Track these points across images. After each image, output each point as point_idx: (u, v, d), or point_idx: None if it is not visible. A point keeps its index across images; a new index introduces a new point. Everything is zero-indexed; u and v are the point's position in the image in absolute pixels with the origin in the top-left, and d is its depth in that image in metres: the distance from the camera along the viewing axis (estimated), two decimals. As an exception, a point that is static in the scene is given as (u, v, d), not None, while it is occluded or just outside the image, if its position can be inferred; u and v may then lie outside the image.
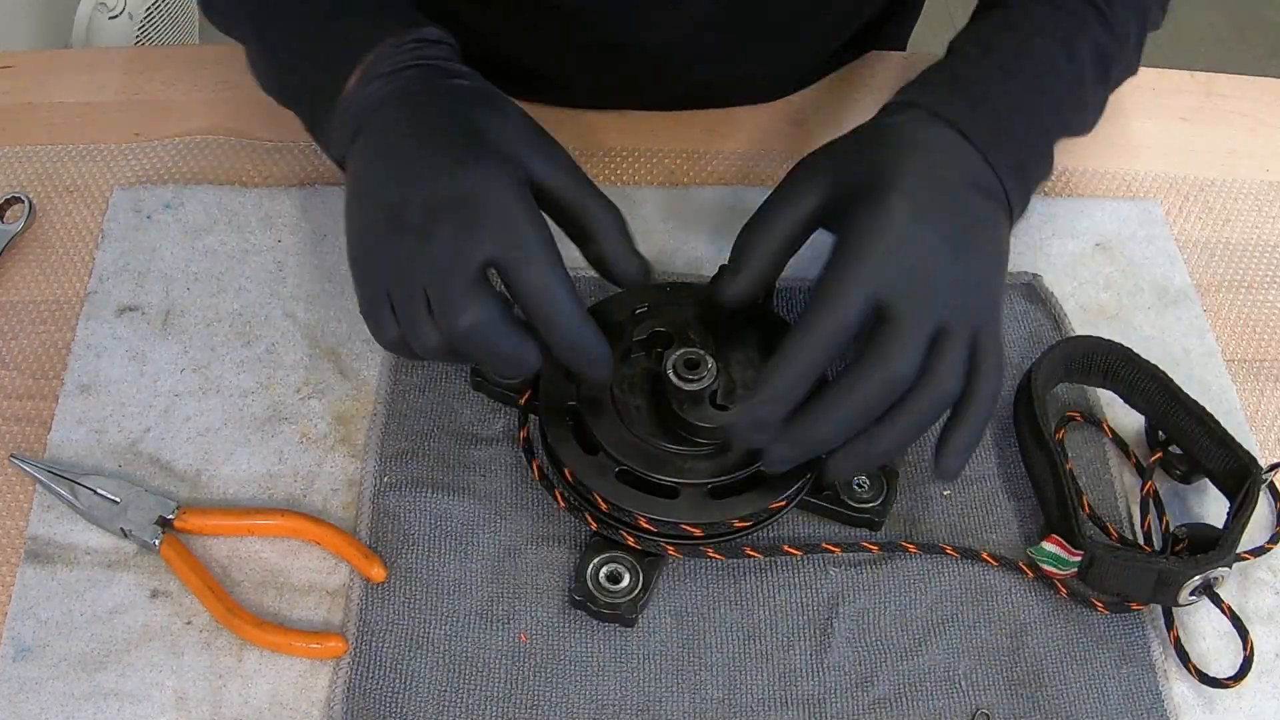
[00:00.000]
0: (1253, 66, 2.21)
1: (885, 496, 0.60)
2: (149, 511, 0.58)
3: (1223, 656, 0.59)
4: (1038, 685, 0.57)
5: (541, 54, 0.75)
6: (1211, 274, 0.74)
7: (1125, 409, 0.65)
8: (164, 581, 0.57)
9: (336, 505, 0.60)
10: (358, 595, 0.57)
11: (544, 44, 0.74)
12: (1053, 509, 0.60)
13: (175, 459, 0.61)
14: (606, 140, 0.77)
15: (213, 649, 0.55)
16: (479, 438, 0.63)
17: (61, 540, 0.58)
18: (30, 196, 0.70)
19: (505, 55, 0.71)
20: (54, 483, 0.59)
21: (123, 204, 0.70)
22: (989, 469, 0.64)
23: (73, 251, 0.69)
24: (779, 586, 0.59)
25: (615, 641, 0.57)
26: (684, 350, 0.58)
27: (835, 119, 0.79)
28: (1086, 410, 0.65)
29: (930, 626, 0.58)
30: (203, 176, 0.72)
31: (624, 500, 0.56)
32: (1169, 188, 0.78)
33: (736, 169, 0.76)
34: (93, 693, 0.54)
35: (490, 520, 0.60)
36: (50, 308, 0.66)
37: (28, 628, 0.56)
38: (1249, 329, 0.71)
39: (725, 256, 0.70)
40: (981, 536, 0.61)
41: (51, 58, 0.81)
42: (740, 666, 0.57)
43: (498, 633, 0.57)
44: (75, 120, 0.75)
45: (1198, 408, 0.61)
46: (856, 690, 0.56)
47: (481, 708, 0.55)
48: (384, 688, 0.55)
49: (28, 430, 0.62)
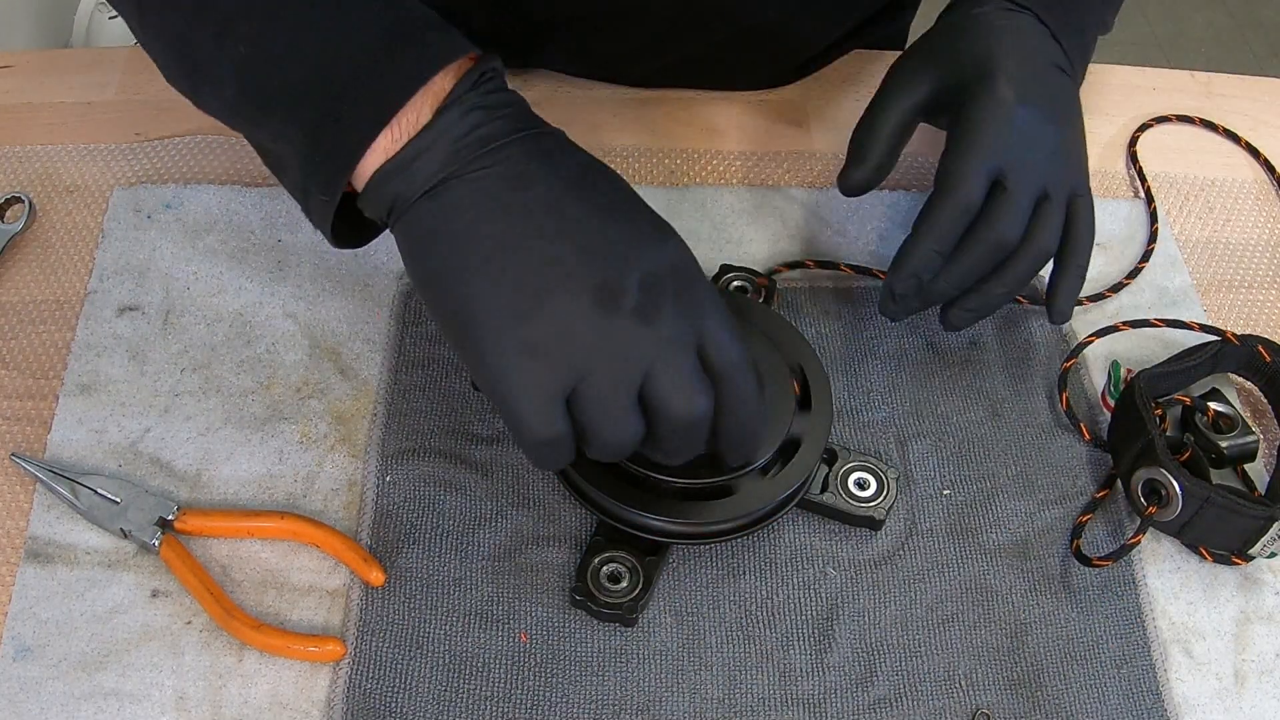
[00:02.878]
0: (1253, 66, 2.21)
1: (886, 496, 0.60)
2: (149, 512, 0.58)
3: (1223, 658, 0.59)
4: (1038, 685, 0.57)
5: (537, 7, 0.73)
6: (1211, 274, 0.74)
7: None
8: (164, 581, 0.57)
9: (336, 505, 0.60)
10: (358, 596, 0.57)
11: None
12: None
13: (175, 459, 0.61)
14: (607, 139, 0.77)
15: (213, 649, 0.55)
16: (479, 438, 0.63)
17: (61, 540, 0.58)
18: (30, 196, 0.70)
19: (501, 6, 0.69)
20: (54, 482, 0.59)
21: (123, 204, 0.70)
22: (990, 467, 0.64)
23: (73, 251, 0.69)
24: (779, 586, 0.59)
25: (615, 641, 0.57)
26: None
27: (835, 118, 0.79)
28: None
29: (930, 626, 0.58)
30: (203, 176, 0.72)
31: (626, 498, 0.56)
32: (1169, 188, 0.78)
33: (736, 169, 0.76)
34: (93, 693, 0.54)
35: (490, 520, 0.60)
36: (50, 308, 0.66)
37: (28, 628, 0.56)
38: (1249, 329, 0.71)
39: (726, 256, 0.71)
40: (982, 536, 0.61)
41: (51, 58, 0.81)
42: (740, 666, 0.57)
43: (498, 633, 0.57)
44: (75, 120, 0.75)
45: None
46: (856, 690, 0.56)
47: (481, 708, 0.55)
48: (384, 687, 0.55)
49: (28, 430, 0.62)
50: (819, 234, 0.73)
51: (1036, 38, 0.65)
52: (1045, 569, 0.61)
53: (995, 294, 0.62)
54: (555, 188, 0.49)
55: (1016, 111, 0.61)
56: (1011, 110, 0.61)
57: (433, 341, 0.66)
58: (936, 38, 0.66)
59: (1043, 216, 0.61)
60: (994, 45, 0.63)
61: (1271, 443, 0.66)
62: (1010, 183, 0.60)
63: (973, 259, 0.61)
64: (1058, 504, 0.63)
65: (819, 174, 0.76)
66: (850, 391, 0.66)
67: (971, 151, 0.60)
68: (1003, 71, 0.62)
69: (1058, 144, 0.62)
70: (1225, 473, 0.63)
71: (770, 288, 0.67)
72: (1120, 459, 0.63)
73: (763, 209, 0.74)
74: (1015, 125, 0.61)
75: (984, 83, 0.62)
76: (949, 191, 0.60)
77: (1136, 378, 0.63)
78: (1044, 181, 0.61)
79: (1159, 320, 0.69)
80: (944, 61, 0.65)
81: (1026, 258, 0.61)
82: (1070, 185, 0.63)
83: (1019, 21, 0.65)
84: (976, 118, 0.61)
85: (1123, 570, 0.61)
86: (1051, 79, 0.64)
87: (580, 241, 0.48)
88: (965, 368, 0.68)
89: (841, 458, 0.61)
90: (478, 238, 0.48)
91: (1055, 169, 0.62)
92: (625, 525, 0.57)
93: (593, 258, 0.48)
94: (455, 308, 0.48)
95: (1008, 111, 0.61)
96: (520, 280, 0.47)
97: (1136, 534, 0.59)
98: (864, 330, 0.69)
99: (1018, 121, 0.61)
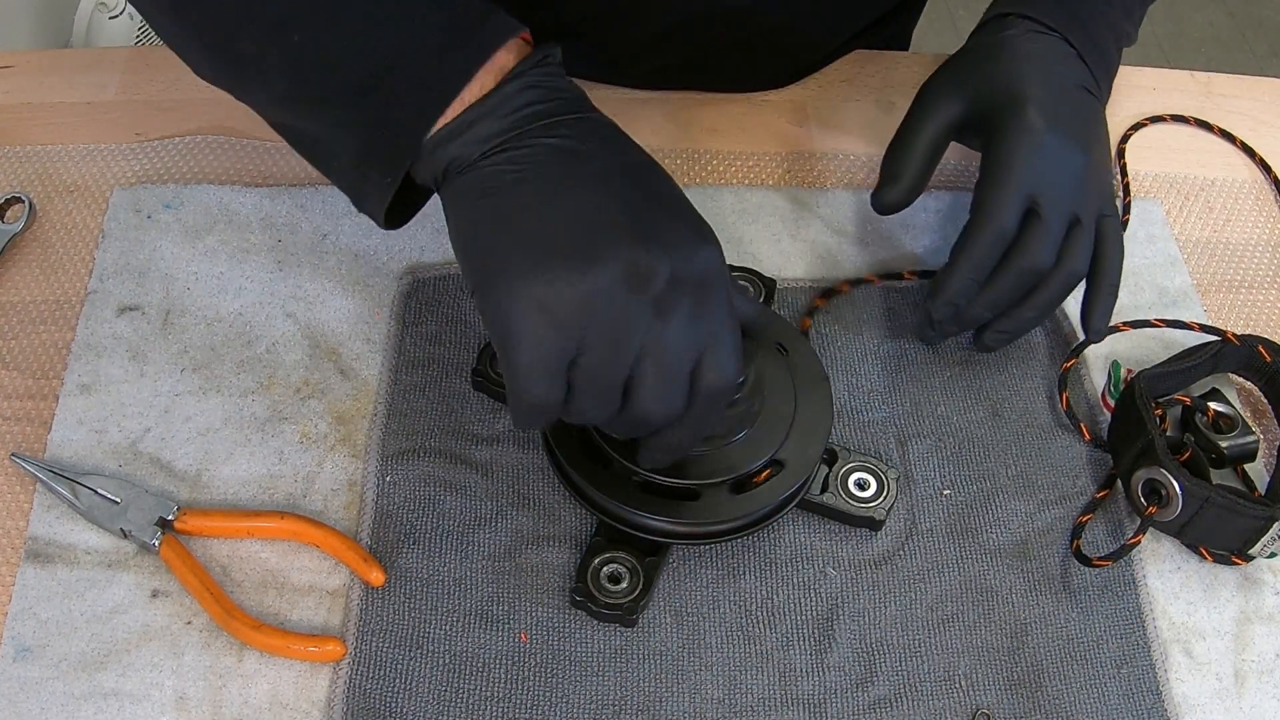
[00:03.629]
0: (1253, 66, 2.21)
1: (886, 496, 0.60)
2: (149, 512, 0.58)
3: (1223, 658, 0.59)
4: (1038, 685, 0.57)
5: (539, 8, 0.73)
6: (1211, 274, 0.74)
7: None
8: (164, 582, 0.57)
9: (337, 505, 0.60)
10: (358, 596, 0.57)
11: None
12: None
13: (175, 459, 0.61)
14: (606, 140, 0.77)
15: (213, 649, 0.55)
16: (479, 438, 0.63)
17: (61, 540, 0.58)
18: (30, 196, 0.70)
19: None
20: (54, 482, 0.59)
21: (123, 204, 0.70)
22: (990, 467, 0.64)
23: (73, 251, 0.69)
24: (779, 586, 0.59)
25: (615, 641, 0.57)
26: None
27: (836, 119, 0.79)
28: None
29: (930, 626, 0.58)
30: (203, 176, 0.72)
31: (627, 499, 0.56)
32: (1169, 188, 0.78)
33: (736, 169, 0.76)
34: (93, 693, 0.54)
35: (490, 520, 0.60)
36: (50, 308, 0.66)
37: (28, 628, 0.56)
38: (1249, 329, 0.71)
39: (726, 256, 0.70)
40: (982, 536, 0.61)
41: (51, 58, 0.81)
42: (740, 666, 0.57)
43: (498, 633, 0.57)
44: (75, 120, 0.75)
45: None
46: (856, 690, 0.56)
47: (481, 708, 0.55)
48: (384, 687, 0.55)
49: (28, 430, 0.62)
50: (819, 234, 0.73)
51: (1064, 61, 0.66)
52: (1045, 569, 0.61)
53: (1027, 318, 0.64)
54: (609, 168, 0.50)
55: (1046, 139, 0.62)
56: (1042, 138, 0.62)
57: (433, 341, 0.66)
58: (968, 58, 0.68)
59: (1074, 241, 0.63)
60: (1023, 69, 0.65)
61: (1271, 443, 0.66)
62: (1044, 211, 0.62)
63: (1008, 286, 0.63)
64: (1058, 504, 0.63)
65: (819, 174, 0.76)
66: (850, 391, 0.66)
67: (1007, 182, 0.62)
68: (1032, 99, 0.63)
69: (1085, 167, 0.63)
70: (1225, 473, 0.63)
71: (771, 288, 0.67)
72: (1120, 459, 0.63)
73: (763, 209, 0.73)
74: (1046, 153, 0.62)
75: (1014, 109, 0.63)
76: (985, 222, 0.62)
77: (1136, 378, 0.63)
78: (1074, 206, 0.63)
79: (1159, 320, 0.69)
80: (975, 84, 0.66)
81: (1059, 282, 0.63)
82: (1098, 206, 0.64)
83: (1047, 44, 0.66)
84: (1009, 147, 0.62)
85: (1123, 570, 0.61)
86: (1079, 101, 0.66)
87: (622, 219, 0.48)
88: (965, 368, 0.68)
89: (841, 458, 0.61)
90: (520, 195, 0.49)
91: (1084, 193, 0.63)
92: (625, 525, 0.57)
93: (631, 238, 0.48)
94: (484, 257, 0.49)
95: (1039, 139, 0.62)
96: (552, 241, 0.48)
97: (1136, 534, 0.59)
98: (864, 330, 0.69)
99: (1048, 149, 0.62)
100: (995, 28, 0.68)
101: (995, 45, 0.67)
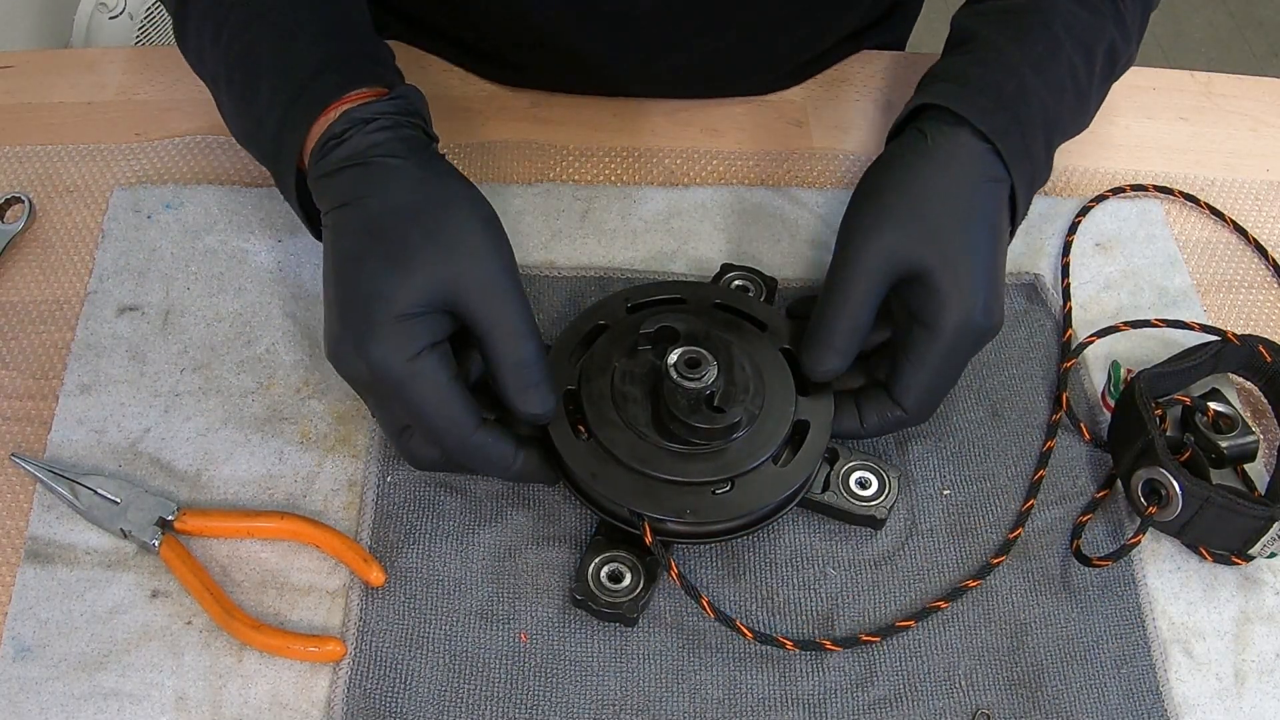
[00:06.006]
0: (1253, 66, 2.21)
1: (887, 495, 0.60)
2: (149, 512, 0.58)
3: (1223, 658, 0.59)
4: (1038, 685, 0.57)
5: (534, 19, 0.74)
6: (1211, 274, 0.74)
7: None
8: (164, 582, 0.57)
9: (337, 505, 0.60)
10: (358, 596, 0.57)
11: (540, 7, 0.73)
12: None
13: (175, 459, 0.61)
14: (607, 140, 0.77)
15: (213, 649, 0.55)
16: (479, 438, 0.63)
17: (61, 540, 0.58)
18: (30, 196, 0.70)
19: (494, 19, 0.71)
20: (54, 482, 0.59)
21: (123, 204, 0.70)
22: (990, 467, 0.64)
23: (73, 251, 0.69)
24: (779, 586, 0.59)
25: (615, 641, 0.57)
26: (687, 349, 0.58)
27: (834, 119, 0.79)
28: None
29: (930, 626, 0.58)
30: (203, 176, 0.72)
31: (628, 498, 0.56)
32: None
33: (736, 169, 0.76)
34: (93, 693, 0.54)
35: (490, 520, 0.60)
36: (50, 308, 0.66)
37: (28, 628, 0.56)
38: (1249, 329, 0.71)
39: (726, 256, 0.71)
40: (982, 536, 0.61)
41: (51, 58, 0.81)
42: (740, 666, 0.57)
43: (498, 632, 0.57)
44: (75, 120, 0.75)
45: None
46: (856, 690, 0.56)
47: (481, 708, 0.55)
48: (384, 687, 0.55)
49: (28, 430, 0.62)
50: (819, 234, 0.73)
51: (992, 188, 0.61)
52: (1045, 569, 0.61)
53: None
54: (339, 253, 0.57)
55: (975, 319, 0.58)
56: (973, 314, 0.58)
57: (433, 341, 0.66)
58: (892, 208, 0.60)
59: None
60: (954, 226, 0.59)
61: (1271, 443, 0.66)
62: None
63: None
64: (1058, 504, 0.63)
65: (819, 174, 0.76)
66: (850, 391, 0.66)
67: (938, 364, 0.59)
68: (962, 270, 0.58)
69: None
70: (1225, 473, 0.63)
71: (772, 287, 0.67)
72: (1120, 459, 0.63)
73: (763, 209, 0.74)
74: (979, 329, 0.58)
75: (940, 292, 0.57)
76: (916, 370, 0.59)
77: (1136, 378, 0.63)
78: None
79: (1159, 320, 0.69)
80: (900, 250, 0.58)
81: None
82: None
83: (953, 145, 0.61)
84: (939, 329, 0.58)
85: (1123, 570, 0.61)
86: (981, 204, 0.60)
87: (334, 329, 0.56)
88: (965, 368, 0.67)
89: (843, 456, 0.61)
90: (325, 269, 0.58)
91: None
92: (625, 525, 0.57)
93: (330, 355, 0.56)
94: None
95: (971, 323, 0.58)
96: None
97: (1136, 534, 0.59)
98: (864, 330, 0.68)
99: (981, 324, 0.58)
100: (933, 122, 0.62)
101: (927, 181, 0.60)
